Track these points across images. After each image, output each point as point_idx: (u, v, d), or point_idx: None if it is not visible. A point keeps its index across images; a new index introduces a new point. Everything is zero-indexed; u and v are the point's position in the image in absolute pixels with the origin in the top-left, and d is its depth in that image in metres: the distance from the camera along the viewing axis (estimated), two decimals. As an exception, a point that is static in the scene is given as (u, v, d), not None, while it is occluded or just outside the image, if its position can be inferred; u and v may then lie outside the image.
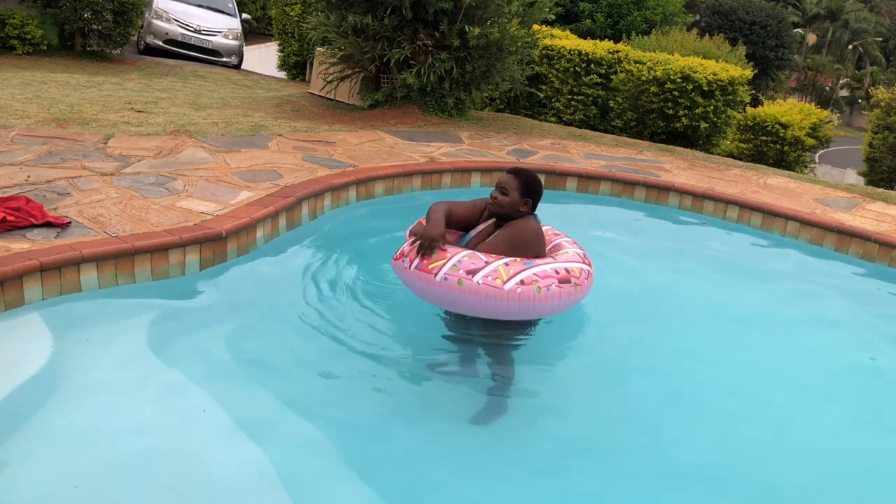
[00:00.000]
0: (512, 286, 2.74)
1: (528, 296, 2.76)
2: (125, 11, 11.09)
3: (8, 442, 2.28)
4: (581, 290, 2.98)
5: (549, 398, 2.99)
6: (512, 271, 2.77)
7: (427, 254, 2.84)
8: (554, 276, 2.85)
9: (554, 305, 2.90)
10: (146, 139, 5.28)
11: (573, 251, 3.15)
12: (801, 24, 48.07)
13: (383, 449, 2.52)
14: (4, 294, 2.88)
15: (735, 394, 3.11)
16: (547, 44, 9.43)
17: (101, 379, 2.68)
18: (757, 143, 8.62)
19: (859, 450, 2.83)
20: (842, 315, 4.04)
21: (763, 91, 20.77)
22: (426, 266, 2.82)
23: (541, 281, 2.79)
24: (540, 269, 2.83)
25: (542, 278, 2.80)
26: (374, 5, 6.97)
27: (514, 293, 2.74)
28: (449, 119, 7.44)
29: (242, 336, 3.11)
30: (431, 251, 2.83)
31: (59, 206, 3.68)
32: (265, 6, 22.45)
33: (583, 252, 3.20)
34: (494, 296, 2.74)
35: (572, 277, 2.90)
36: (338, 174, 4.88)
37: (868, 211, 5.54)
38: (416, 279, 2.88)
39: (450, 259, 2.79)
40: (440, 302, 2.97)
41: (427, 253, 2.84)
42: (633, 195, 5.71)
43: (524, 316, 2.95)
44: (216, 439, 2.47)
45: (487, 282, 2.73)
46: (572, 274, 2.91)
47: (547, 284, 2.80)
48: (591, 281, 3.07)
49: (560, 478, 2.47)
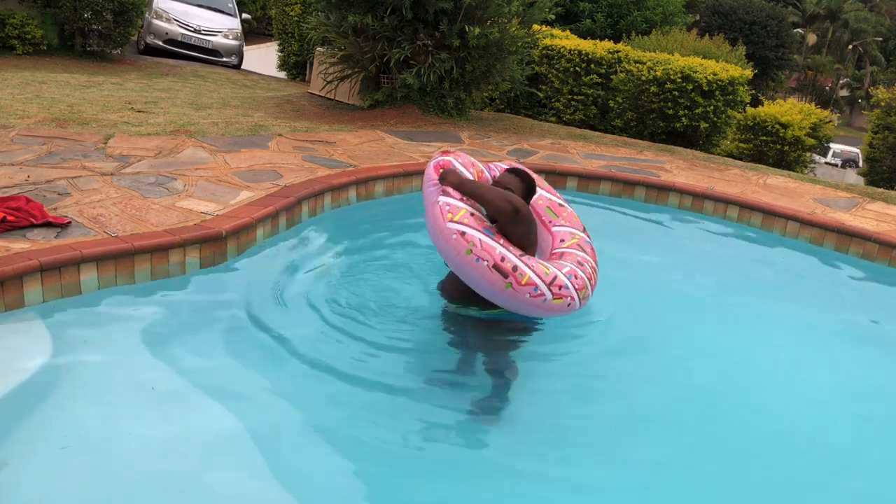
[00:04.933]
0: (453, 228, 2.87)
1: (459, 248, 2.85)
2: (125, 11, 11.08)
3: (7, 442, 2.28)
4: (527, 303, 2.92)
5: (550, 397, 2.99)
6: (471, 227, 2.89)
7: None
8: (498, 261, 2.83)
9: (477, 281, 2.91)
10: (146, 139, 5.28)
11: (569, 267, 3.07)
12: (801, 24, 48.08)
13: (383, 449, 2.51)
14: (4, 294, 2.88)
15: (734, 393, 3.11)
16: (547, 44, 9.42)
17: (100, 379, 2.68)
18: (757, 143, 8.62)
19: (860, 449, 2.84)
20: (842, 315, 4.04)
21: (763, 91, 20.78)
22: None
23: (479, 249, 2.83)
24: (494, 245, 2.87)
25: (485, 250, 2.84)
26: (374, 5, 6.97)
27: (450, 235, 2.86)
28: (449, 119, 7.44)
29: (242, 336, 3.11)
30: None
31: (59, 206, 3.68)
32: (265, 6, 22.43)
33: (582, 271, 3.10)
34: (436, 228, 2.93)
35: (522, 284, 2.84)
36: (338, 174, 4.88)
37: (868, 211, 5.54)
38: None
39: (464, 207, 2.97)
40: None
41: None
42: (633, 195, 5.71)
43: (452, 266, 3.02)
44: (216, 439, 2.46)
45: (443, 211, 2.92)
46: (525, 280, 2.84)
47: (483, 257, 2.83)
48: (552, 306, 2.96)
49: (560, 475, 2.48)
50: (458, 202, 2.98)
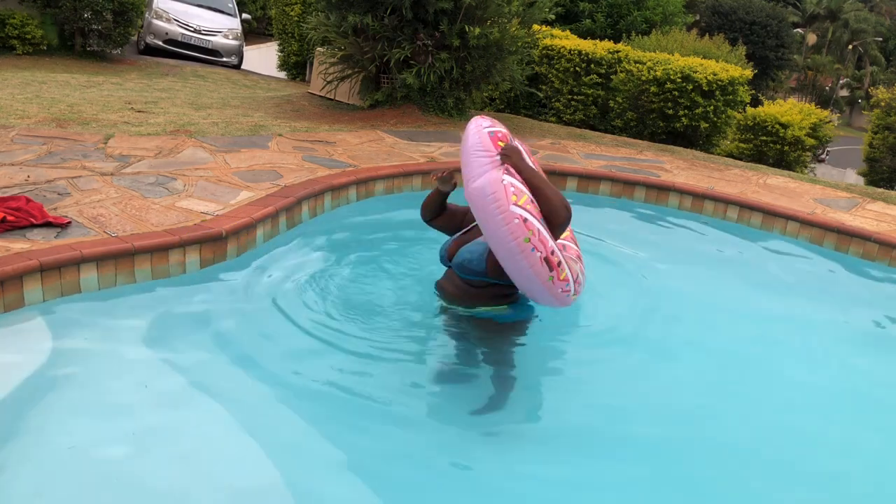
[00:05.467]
0: (516, 212, 2.73)
1: (518, 233, 2.72)
2: (125, 11, 11.09)
3: (7, 442, 2.28)
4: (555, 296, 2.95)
5: (549, 397, 2.99)
6: (532, 215, 2.78)
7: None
8: (549, 254, 2.79)
9: (522, 269, 2.84)
10: (146, 139, 5.28)
11: (580, 264, 3.21)
12: (801, 24, 48.08)
13: (383, 448, 2.51)
14: (4, 294, 2.88)
15: (732, 391, 3.11)
16: (547, 44, 9.42)
17: (100, 379, 2.68)
18: (757, 143, 8.62)
19: (860, 450, 2.84)
20: (841, 315, 4.04)
21: (763, 91, 20.78)
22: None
23: (536, 239, 2.75)
24: (548, 237, 2.81)
25: (541, 241, 2.76)
26: (374, 5, 6.97)
27: (512, 218, 2.72)
28: (449, 119, 7.44)
29: (242, 336, 3.11)
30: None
31: (59, 206, 3.68)
32: (265, 6, 22.43)
33: (581, 266, 3.23)
34: (495, 207, 2.74)
35: (561, 279, 2.88)
36: (338, 174, 4.88)
37: (868, 211, 5.54)
38: None
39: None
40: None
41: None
42: (633, 195, 5.71)
43: (500, 248, 2.85)
44: (216, 439, 2.47)
45: (507, 191, 2.75)
46: (563, 276, 2.89)
47: (538, 248, 2.76)
48: (568, 301, 3.04)
49: (560, 474, 2.47)
50: (522, 185, 2.82)
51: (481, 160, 2.84)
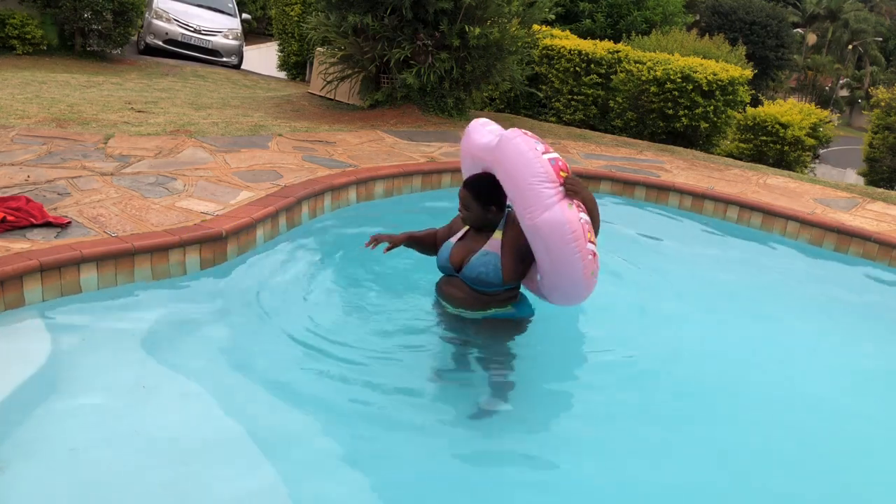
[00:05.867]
0: (591, 249, 2.84)
1: (588, 267, 2.83)
2: (125, 11, 11.10)
3: (7, 442, 2.28)
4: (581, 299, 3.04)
5: (549, 396, 2.99)
6: (596, 246, 2.89)
7: None
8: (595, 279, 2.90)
9: (578, 292, 2.95)
10: (146, 139, 5.28)
11: None
12: (801, 24, 48.08)
13: (383, 448, 2.51)
14: (4, 294, 2.88)
15: (731, 392, 3.11)
16: (547, 44, 9.42)
17: (100, 379, 2.68)
18: (757, 143, 8.62)
19: (859, 450, 2.84)
20: (841, 315, 4.04)
21: (763, 91, 20.78)
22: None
23: (597, 270, 2.87)
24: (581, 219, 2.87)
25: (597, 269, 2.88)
26: (374, 5, 6.97)
27: (587, 254, 2.81)
28: (449, 119, 7.44)
29: (242, 336, 3.11)
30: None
31: (59, 206, 3.68)
32: (265, 6, 22.44)
33: None
34: (572, 241, 2.81)
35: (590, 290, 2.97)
36: (338, 174, 4.88)
37: (868, 211, 5.54)
38: None
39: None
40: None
41: None
42: (633, 195, 5.71)
43: (564, 276, 2.92)
44: (215, 440, 2.46)
45: (584, 228, 2.83)
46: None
47: (597, 277, 2.89)
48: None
49: (560, 474, 2.48)
50: (587, 217, 2.92)
51: (547, 191, 2.89)
